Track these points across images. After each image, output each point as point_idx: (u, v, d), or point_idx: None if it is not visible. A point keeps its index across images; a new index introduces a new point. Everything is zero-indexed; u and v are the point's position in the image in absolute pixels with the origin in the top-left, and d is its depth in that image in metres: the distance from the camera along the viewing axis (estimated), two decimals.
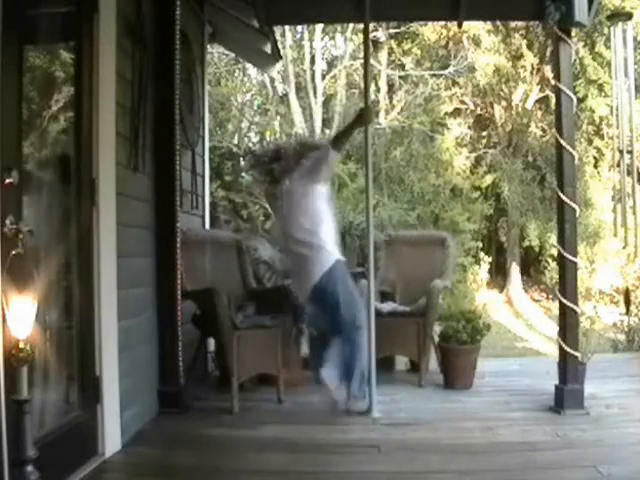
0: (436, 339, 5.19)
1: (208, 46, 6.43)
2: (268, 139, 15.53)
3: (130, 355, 3.79)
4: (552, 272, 14.26)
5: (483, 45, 15.59)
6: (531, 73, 15.87)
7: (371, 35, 12.45)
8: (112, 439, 3.52)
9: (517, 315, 15.68)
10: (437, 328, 5.21)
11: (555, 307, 4.90)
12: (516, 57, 15.85)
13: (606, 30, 13.07)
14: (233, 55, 12.68)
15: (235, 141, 15.42)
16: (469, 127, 16.72)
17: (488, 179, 16.46)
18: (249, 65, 14.44)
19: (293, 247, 4.42)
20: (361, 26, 5.59)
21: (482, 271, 16.04)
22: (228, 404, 4.32)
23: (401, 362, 5.63)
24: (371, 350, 4.26)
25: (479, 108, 16.82)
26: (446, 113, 16.29)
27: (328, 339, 4.38)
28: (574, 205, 4.32)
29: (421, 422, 4.14)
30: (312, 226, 4.33)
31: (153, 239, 4.37)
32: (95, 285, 3.46)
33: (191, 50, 5.18)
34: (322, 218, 4.37)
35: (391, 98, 16.28)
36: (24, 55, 2.87)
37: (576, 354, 4.25)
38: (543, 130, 16.01)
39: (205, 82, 6.12)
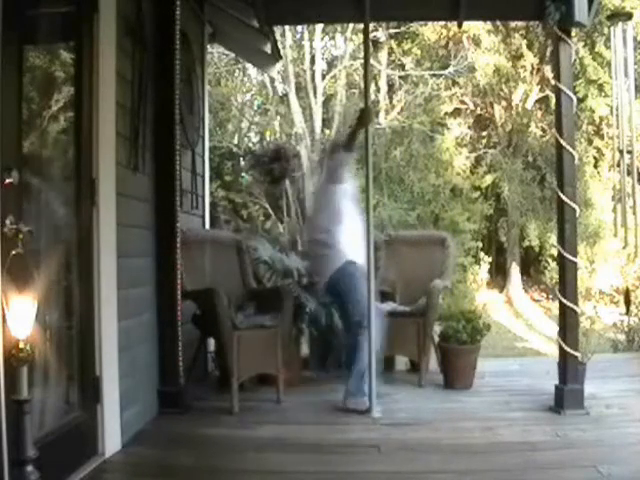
0: (436, 339, 5.19)
1: (208, 46, 6.42)
2: (268, 139, 15.54)
3: (130, 355, 3.79)
4: (552, 272, 14.28)
5: (483, 45, 15.60)
6: (531, 73, 15.88)
7: (371, 35, 12.45)
8: (112, 439, 3.52)
9: (517, 315, 15.68)
10: (437, 328, 5.21)
11: (555, 307, 4.90)
12: (516, 57, 15.86)
13: (606, 30, 13.07)
14: (233, 55, 12.69)
15: (235, 141, 15.44)
16: (469, 127, 16.73)
17: (488, 179, 16.47)
18: (249, 65, 14.45)
19: (314, 248, 4.68)
20: (361, 26, 5.59)
21: (482, 271, 16.05)
22: (228, 404, 4.32)
23: (401, 362, 5.63)
24: (371, 350, 4.26)
25: (479, 108, 16.83)
26: (446, 113, 16.30)
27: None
28: (574, 205, 4.32)
29: (421, 422, 4.14)
30: (330, 226, 4.48)
31: (153, 239, 4.37)
32: (95, 285, 3.46)
33: (191, 50, 5.18)
34: (342, 218, 4.48)
35: (391, 98, 16.28)
36: (24, 55, 2.86)
37: (576, 354, 4.25)
38: (543, 130, 16.02)
39: (205, 82, 6.11)
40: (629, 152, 9.88)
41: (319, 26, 14.58)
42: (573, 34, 4.43)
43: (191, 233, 4.87)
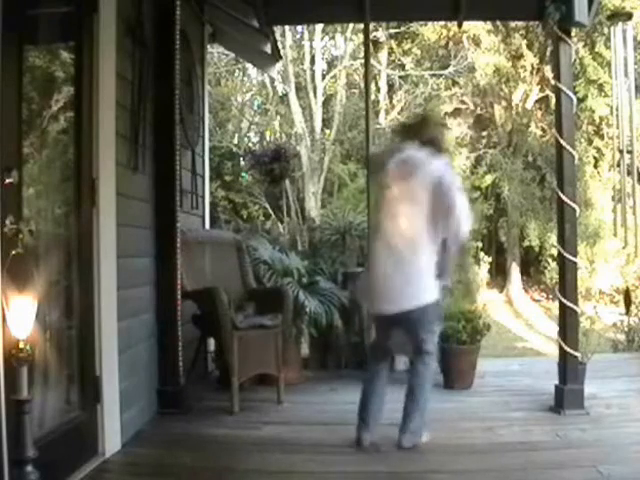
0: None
1: (208, 46, 6.42)
2: (268, 139, 15.54)
3: (130, 355, 3.80)
4: (552, 272, 14.28)
5: (483, 45, 15.60)
6: (531, 73, 15.88)
7: (371, 35, 12.45)
8: (112, 439, 3.52)
9: (517, 315, 15.68)
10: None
11: (555, 307, 4.90)
12: (516, 57, 15.87)
13: (606, 30, 13.07)
14: (233, 55, 12.69)
15: (235, 141, 15.44)
16: (469, 127, 16.72)
17: (488, 179, 16.47)
18: (249, 65, 14.47)
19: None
20: (361, 26, 5.60)
21: (482, 271, 16.04)
22: (228, 404, 4.32)
23: (401, 362, 5.62)
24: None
25: (479, 108, 16.82)
26: (446, 113, 16.29)
27: None
28: (574, 205, 4.32)
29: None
30: None
31: (153, 239, 4.37)
32: (95, 285, 3.45)
33: (191, 50, 5.18)
34: None
35: (391, 98, 16.29)
36: (24, 55, 2.86)
37: (576, 354, 4.25)
38: (543, 130, 16.03)
39: (205, 82, 6.11)
40: (629, 152, 9.87)
41: (319, 26, 14.59)
42: (573, 34, 4.43)
43: (191, 233, 4.87)
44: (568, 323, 4.28)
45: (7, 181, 2.54)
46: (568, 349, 4.23)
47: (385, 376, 3.79)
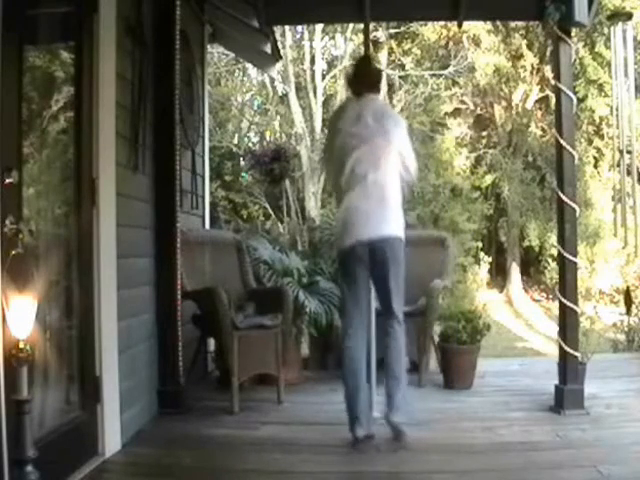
0: (436, 339, 5.19)
1: (208, 46, 6.42)
2: (268, 139, 15.54)
3: (130, 355, 3.80)
4: (552, 272, 14.30)
5: (483, 45, 15.62)
6: (531, 73, 15.90)
7: (371, 35, 12.46)
8: (112, 439, 3.52)
9: (517, 315, 15.70)
10: (437, 328, 5.21)
11: (555, 307, 4.90)
12: (516, 57, 15.89)
13: (606, 30, 13.08)
14: (233, 55, 12.70)
15: (235, 141, 15.45)
16: (469, 127, 16.73)
17: (488, 179, 16.48)
18: (249, 65, 14.47)
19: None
20: (361, 26, 5.60)
21: (482, 271, 16.06)
22: (228, 404, 4.32)
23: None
24: (371, 350, 4.25)
25: (479, 108, 16.84)
26: (446, 113, 16.31)
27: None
28: (574, 205, 4.32)
29: (421, 422, 4.12)
30: None
31: (153, 239, 4.37)
32: (95, 285, 3.45)
33: (191, 50, 5.18)
34: None
35: (391, 98, 16.28)
36: (24, 55, 2.86)
37: (576, 354, 4.25)
38: (543, 130, 16.04)
39: (205, 82, 6.11)
40: (629, 152, 9.87)
41: (319, 26, 14.60)
42: (573, 34, 4.43)
43: (191, 233, 4.87)
44: (568, 323, 4.28)
45: (7, 181, 2.54)
46: (568, 349, 4.23)
47: (364, 368, 3.78)
